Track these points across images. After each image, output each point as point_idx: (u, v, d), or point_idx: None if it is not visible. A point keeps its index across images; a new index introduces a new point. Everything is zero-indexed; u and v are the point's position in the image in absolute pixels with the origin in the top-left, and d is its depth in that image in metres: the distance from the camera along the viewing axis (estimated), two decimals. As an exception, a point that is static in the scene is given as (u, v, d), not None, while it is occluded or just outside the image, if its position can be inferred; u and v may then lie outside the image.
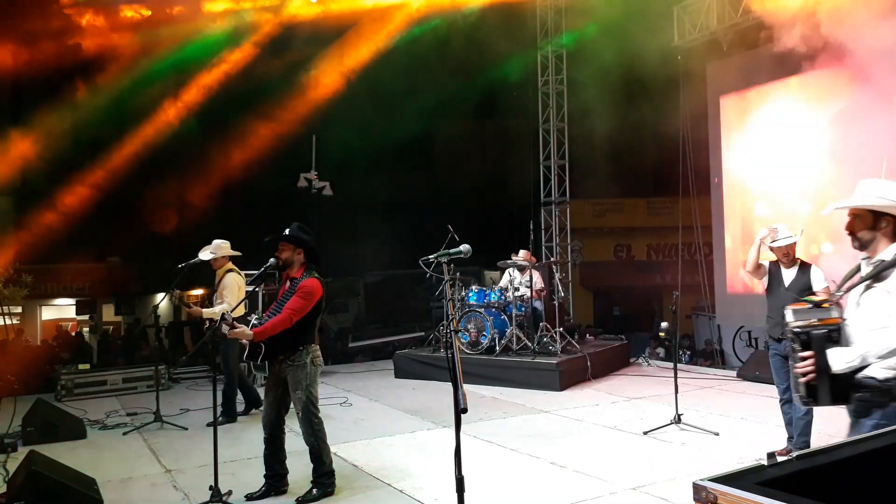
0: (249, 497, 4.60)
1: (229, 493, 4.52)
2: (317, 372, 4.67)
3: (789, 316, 3.04)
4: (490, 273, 10.13)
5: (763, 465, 2.34)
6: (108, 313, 19.51)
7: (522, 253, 9.84)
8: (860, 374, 2.90)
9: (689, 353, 13.39)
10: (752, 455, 5.26)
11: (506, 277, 9.85)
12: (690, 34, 11.32)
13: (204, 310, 6.92)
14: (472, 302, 9.44)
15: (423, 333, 11.74)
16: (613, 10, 10.77)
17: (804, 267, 5.32)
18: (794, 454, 2.46)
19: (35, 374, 9.22)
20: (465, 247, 3.44)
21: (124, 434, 6.53)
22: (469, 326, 9.23)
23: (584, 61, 12.71)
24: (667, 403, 6.95)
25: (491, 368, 8.84)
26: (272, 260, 4.72)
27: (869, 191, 2.99)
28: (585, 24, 12.09)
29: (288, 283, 4.68)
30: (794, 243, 5.33)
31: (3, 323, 6.89)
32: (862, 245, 3.04)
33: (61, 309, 19.71)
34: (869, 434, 2.77)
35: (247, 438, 6.31)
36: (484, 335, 9.11)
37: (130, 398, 8.31)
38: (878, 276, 2.91)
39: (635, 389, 8.56)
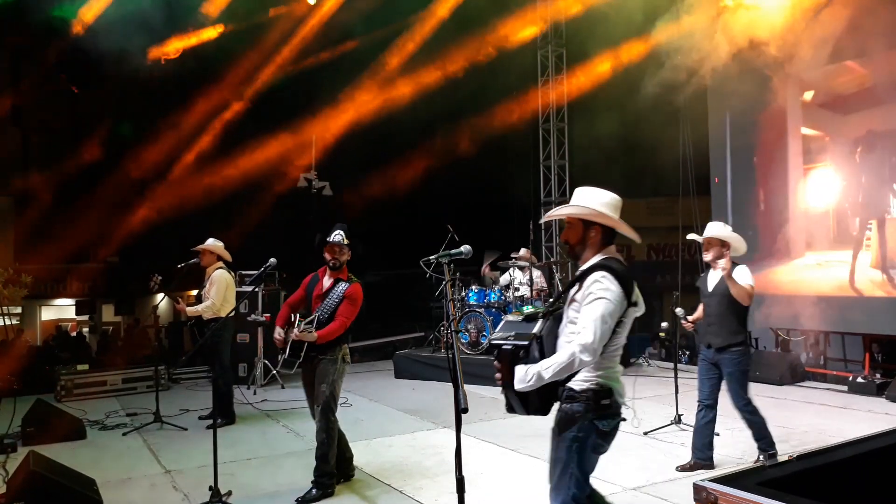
0: (302, 500, 4.57)
1: (229, 493, 4.52)
2: (345, 370, 4.76)
3: (498, 327, 3.03)
4: (491, 273, 10.12)
5: (763, 465, 2.35)
6: (109, 313, 19.51)
7: (523, 251, 9.83)
8: (563, 385, 2.83)
9: (688, 353, 13.36)
10: (752, 455, 5.26)
11: (506, 277, 9.84)
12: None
13: (188, 308, 6.94)
14: (472, 302, 9.44)
15: (423, 333, 11.74)
16: (613, 10, 10.76)
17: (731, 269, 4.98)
18: (795, 454, 2.46)
19: (35, 374, 9.21)
20: (465, 248, 3.45)
21: (124, 434, 6.53)
22: (469, 326, 9.23)
23: (584, 61, 12.69)
24: (667, 404, 6.95)
25: (491, 369, 8.81)
26: (272, 260, 4.86)
27: (578, 199, 2.95)
28: (585, 24, 12.06)
29: (332, 283, 4.76)
30: (705, 241, 4.99)
31: (3, 323, 6.89)
32: (575, 255, 2.97)
33: (61, 309, 19.70)
34: (868, 434, 2.78)
35: (246, 439, 6.31)
36: (484, 335, 9.11)
37: (130, 398, 8.30)
38: (574, 285, 2.86)
39: (635, 389, 8.54)
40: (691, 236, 5.28)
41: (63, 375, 8.47)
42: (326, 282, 4.77)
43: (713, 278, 5.09)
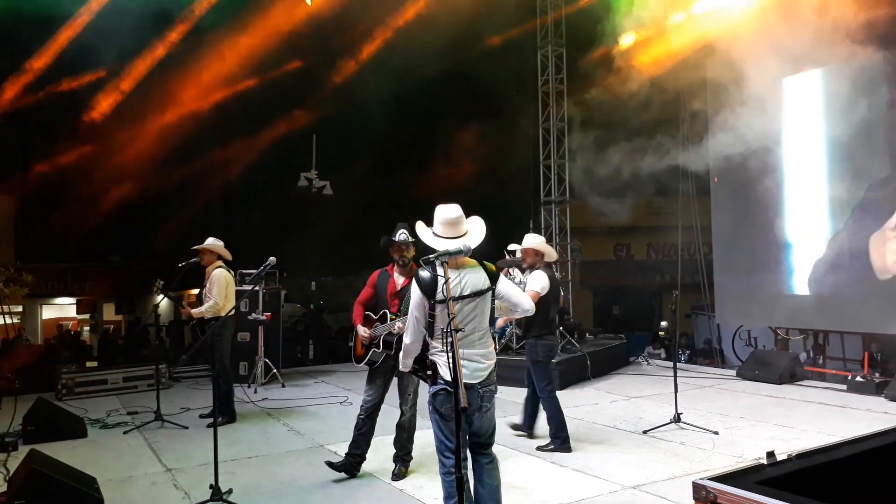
0: (330, 464, 5.00)
1: (229, 491, 4.53)
2: None
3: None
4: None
5: (762, 464, 2.36)
6: (109, 312, 19.51)
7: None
8: None
9: (687, 352, 13.38)
10: (751, 454, 5.27)
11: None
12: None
13: (192, 310, 6.94)
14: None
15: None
16: (613, 9, 10.75)
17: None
18: (794, 453, 2.48)
19: (36, 373, 9.21)
20: (465, 246, 3.47)
21: (125, 433, 6.53)
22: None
23: (584, 60, 12.69)
24: (666, 402, 6.96)
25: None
26: (272, 259, 4.98)
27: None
28: (585, 23, 12.05)
29: (406, 280, 5.03)
30: (523, 251, 6.02)
31: (3, 322, 6.90)
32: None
33: (62, 308, 19.71)
34: (867, 433, 2.79)
35: (247, 438, 6.32)
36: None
37: (131, 397, 8.31)
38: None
39: (635, 388, 8.58)
40: (512, 247, 6.33)
41: (64, 374, 8.47)
42: (399, 279, 5.03)
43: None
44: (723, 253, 10.85)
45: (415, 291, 3.51)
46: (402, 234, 4.95)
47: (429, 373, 3.52)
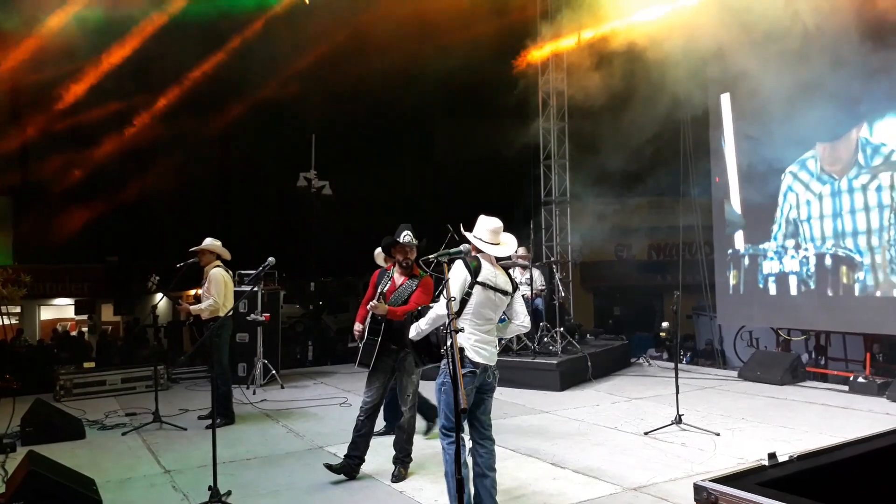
0: (329, 466, 4.94)
1: (228, 493, 4.51)
2: None
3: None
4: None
5: (764, 465, 2.33)
6: (108, 313, 19.50)
7: (521, 250, 9.80)
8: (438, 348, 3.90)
9: (689, 353, 13.37)
10: (752, 455, 5.25)
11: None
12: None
13: (191, 307, 6.92)
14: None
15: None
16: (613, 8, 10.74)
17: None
18: (796, 454, 2.45)
19: (34, 374, 9.19)
20: (465, 247, 3.48)
21: (123, 434, 6.51)
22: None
23: (584, 59, 12.68)
24: (667, 404, 6.94)
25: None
26: (271, 259, 5.01)
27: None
28: (585, 21, 12.03)
29: (404, 279, 5.07)
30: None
31: (2, 323, 6.88)
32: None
33: (60, 309, 19.69)
34: (869, 434, 2.77)
35: (245, 439, 6.30)
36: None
37: (129, 398, 8.29)
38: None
39: (636, 390, 8.55)
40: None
41: (62, 375, 8.45)
42: (399, 279, 5.07)
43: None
44: (724, 253, 10.82)
45: (460, 271, 3.80)
46: (406, 236, 4.93)
47: (442, 351, 3.67)
